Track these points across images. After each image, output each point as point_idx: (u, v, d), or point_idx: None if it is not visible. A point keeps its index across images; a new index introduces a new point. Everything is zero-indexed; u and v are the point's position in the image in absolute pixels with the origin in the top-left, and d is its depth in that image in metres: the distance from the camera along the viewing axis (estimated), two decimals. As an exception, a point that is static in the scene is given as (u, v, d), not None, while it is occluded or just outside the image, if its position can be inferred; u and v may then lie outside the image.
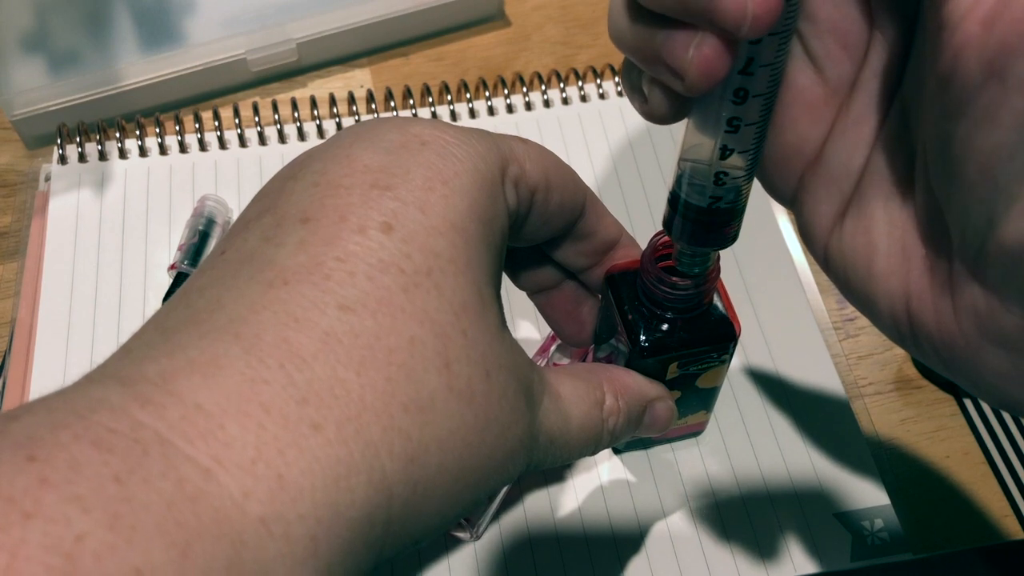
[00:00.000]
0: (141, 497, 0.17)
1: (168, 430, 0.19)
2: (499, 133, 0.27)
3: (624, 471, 0.40)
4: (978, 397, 0.29)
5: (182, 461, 0.18)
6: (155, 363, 0.20)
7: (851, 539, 0.38)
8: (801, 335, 0.44)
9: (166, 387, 0.19)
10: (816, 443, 0.41)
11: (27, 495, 0.17)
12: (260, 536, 0.18)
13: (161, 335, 0.21)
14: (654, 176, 0.50)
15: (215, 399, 0.19)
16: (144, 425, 0.19)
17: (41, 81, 0.51)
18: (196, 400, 0.19)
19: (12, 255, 0.47)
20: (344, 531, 0.20)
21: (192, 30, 0.53)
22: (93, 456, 0.18)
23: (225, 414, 0.19)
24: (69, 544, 0.16)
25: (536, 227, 0.29)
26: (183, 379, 0.20)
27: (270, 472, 0.19)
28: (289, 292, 0.21)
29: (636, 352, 0.33)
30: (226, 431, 0.19)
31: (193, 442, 0.19)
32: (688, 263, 0.30)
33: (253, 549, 0.18)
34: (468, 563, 0.38)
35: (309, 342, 0.21)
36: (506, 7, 0.58)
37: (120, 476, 0.17)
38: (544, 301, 0.34)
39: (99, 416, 0.19)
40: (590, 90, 0.53)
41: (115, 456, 0.18)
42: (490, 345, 0.23)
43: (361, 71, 0.55)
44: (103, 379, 0.20)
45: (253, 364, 0.20)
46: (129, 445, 0.18)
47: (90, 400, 0.19)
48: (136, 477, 0.18)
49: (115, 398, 0.19)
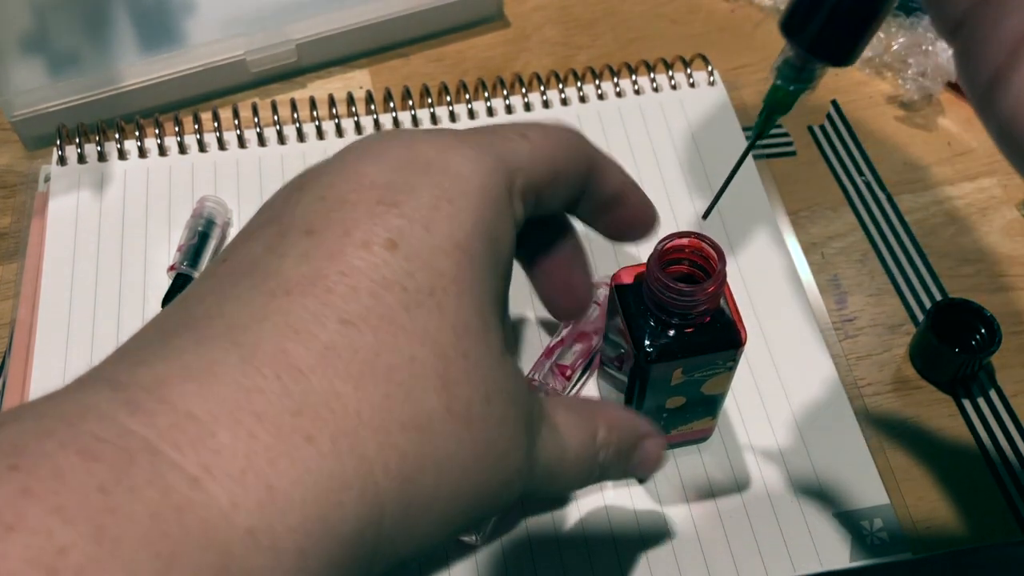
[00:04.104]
0: (126, 507, 0.17)
1: (157, 438, 0.18)
2: (506, 131, 0.26)
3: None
4: None
5: (169, 469, 0.18)
6: (149, 368, 0.20)
7: (850, 539, 0.38)
8: (801, 335, 0.44)
9: (158, 393, 0.19)
10: (816, 443, 0.41)
11: (8, 506, 0.16)
12: (247, 548, 0.18)
13: (158, 338, 0.21)
14: (653, 176, 0.50)
15: (207, 407, 0.19)
16: (133, 433, 0.18)
17: (41, 82, 0.51)
18: (188, 407, 0.19)
19: (12, 256, 0.47)
20: (334, 546, 0.20)
21: (192, 31, 0.53)
22: (78, 465, 0.17)
23: (217, 422, 0.19)
24: (51, 557, 0.16)
25: (542, 211, 0.28)
26: (176, 385, 0.19)
27: (259, 482, 0.19)
28: (291, 303, 0.21)
29: (641, 358, 0.33)
30: (216, 439, 0.19)
31: (182, 450, 0.18)
32: (789, 74, 0.30)
33: (240, 560, 0.18)
34: (468, 563, 0.38)
35: (308, 354, 0.20)
36: (505, 8, 0.58)
37: (105, 486, 0.17)
38: (537, 271, 0.32)
39: (87, 423, 0.18)
40: (589, 91, 0.53)
41: (101, 465, 0.17)
42: (491, 369, 0.23)
43: (360, 72, 0.55)
44: (96, 382, 0.20)
45: (249, 373, 0.20)
46: (116, 453, 0.18)
47: (79, 406, 0.19)
48: (122, 487, 0.17)
49: (105, 404, 0.19)
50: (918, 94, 0.53)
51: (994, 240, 0.48)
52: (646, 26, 0.58)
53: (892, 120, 0.53)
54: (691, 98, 0.53)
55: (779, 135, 0.52)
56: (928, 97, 0.53)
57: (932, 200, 0.50)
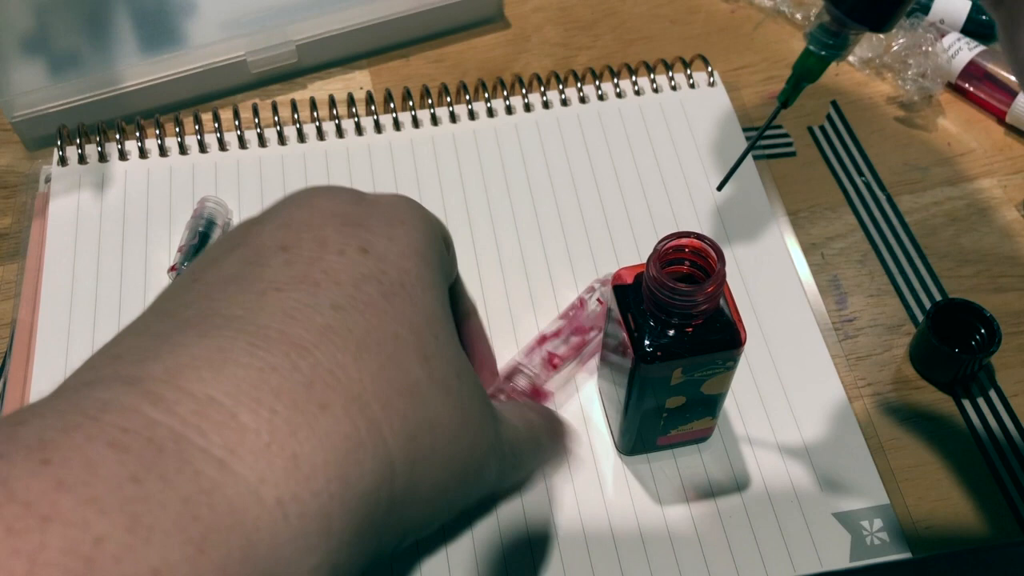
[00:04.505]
0: (158, 496, 0.18)
1: (182, 426, 0.19)
2: None
3: (623, 469, 0.40)
4: None
5: (196, 455, 0.19)
6: (159, 362, 0.21)
7: (850, 539, 0.38)
8: (801, 335, 0.44)
9: (175, 383, 0.20)
10: (816, 443, 0.41)
11: (44, 499, 0.17)
12: (274, 520, 0.19)
13: (150, 340, 0.22)
14: (653, 176, 0.50)
15: (226, 390, 0.20)
16: (158, 423, 0.19)
17: (41, 83, 0.51)
18: (208, 393, 0.20)
19: (12, 256, 0.47)
20: (354, 504, 0.21)
21: (192, 32, 0.53)
22: (109, 457, 0.18)
23: (238, 404, 0.20)
24: (88, 547, 0.17)
25: None
26: (191, 373, 0.20)
27: (284, 453, 0.20)
28: (283, 297, 0.23)
29: (640, 358, 0.33)
30: (239, 420, 0.20)
31: (207, 435, 0.19)
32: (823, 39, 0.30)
33: (267, 534, 0.19)
34: (468, 564, 0.38)
35: (309, 334, 0.22)
36: (506, 9, 0.58)
37: (137, 476, 0.18)
38: None
39: (111, 416, 0.19)
40: (589, 91, 0.53)
41: (130, 456, 0.18)
42: (456, 352, 0.26)
43: (361, 73, 0.56)
44: (104, 381, 0.21)
45: (259, 354, 0.21)
46: (144, 444, 0.19)
47: (97, 401, 0.19)
48: (153, 475, 0.18)
49: (125, 398, 0.20)
50: (918, 95, 0.53)
51: (994, 240, 0.48)
52: (646, 27, 0.58)
53: (892, 121, 0.53)
54: (691, 99, 0.53)
55: (779, 135, 0.52)
56: (928, 98, 0.54)
57: (932, 201, 0.50)
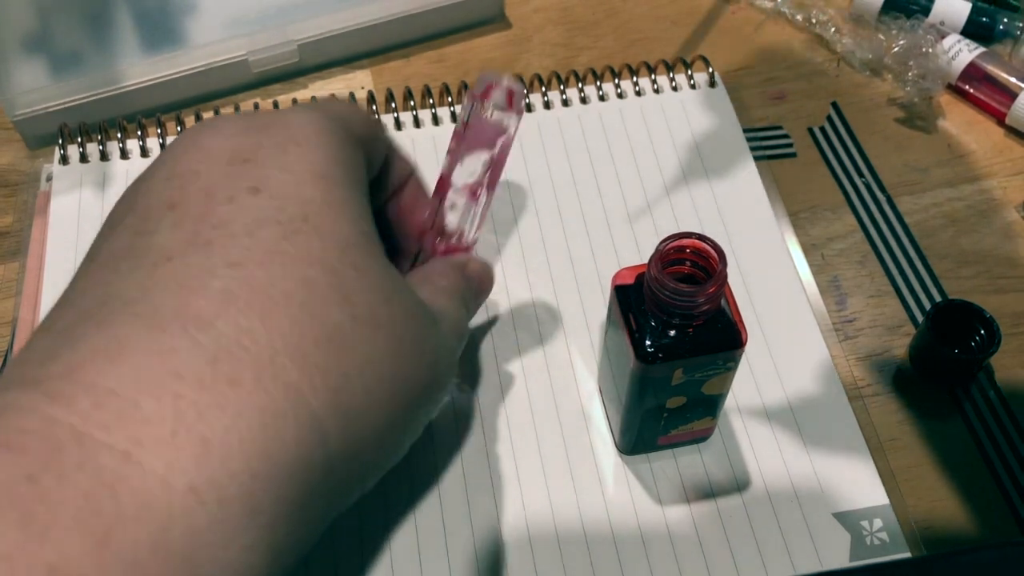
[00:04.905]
0: (55, 494, 0.17)
1: (82, 421, 0.18)
2: (324, 100, 0.28)
3: (624, 469, 0.40)
4: None
5: (99, 450, 0.18)
6: (57, 360, 0.20)
7: (850, 539, 0.38)
8: (801, 336, 0.44)
9: (73, 378, 0.19)
10: (816, 443, 0.41)
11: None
12: (189, 507, 0.18)
13: (54, 338, 0.21)
14: (654, 177, 0.50)
15: (126, 379, 0.19)
16: (56, 420, 0.18)
17: (43, 81, 0.51)
18: (107, 385, 0.19)
19: (13, 255, 0.47)
20: (283, 478, 0.20)
21: (194, 31, 0.53)
22: (4, 458, 0.18)
23: (139, 392, 0.19)
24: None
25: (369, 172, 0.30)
26: (90, 367, 0.19)
27: (193, 438, 0.19)
28: (175, 266, 0.22)
29: (642, 359, 0.33)
30: (141, 409, 0.19)
31: (109, 428, 0.18)
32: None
33: (182, 521, 0.18)
34: (469, 564, 0.38)
35: (207, 303, 0.21)
36: (507, 9, 0.58)
37: (33, 475, 0.17)
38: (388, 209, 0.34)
39: (7, 419, 0.18)
40: (590, 92, 0.53)
41: (27, 456, 0.18)
42: (381, 275, 0.24)
43: (362, 72, 0.56)
44: (6, 386, 0.20)
45: (157, 336, 0.20)
46: (41, 443, 0.18)
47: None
48: (50, 474, 0.18)
49: (23, 399, 0.19)
50: (918, 96, 0.53)
51: (994, 242, 0.48)
52: (647, 27, 0.58)
53: (892, 122, 0.53)
54: (692, 99, 0.53)
55: (779, 136, 0.52)
56: (928, 99, 0.54)
57: (932, 202, 0.50)
